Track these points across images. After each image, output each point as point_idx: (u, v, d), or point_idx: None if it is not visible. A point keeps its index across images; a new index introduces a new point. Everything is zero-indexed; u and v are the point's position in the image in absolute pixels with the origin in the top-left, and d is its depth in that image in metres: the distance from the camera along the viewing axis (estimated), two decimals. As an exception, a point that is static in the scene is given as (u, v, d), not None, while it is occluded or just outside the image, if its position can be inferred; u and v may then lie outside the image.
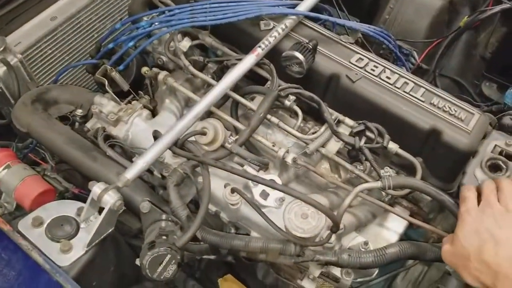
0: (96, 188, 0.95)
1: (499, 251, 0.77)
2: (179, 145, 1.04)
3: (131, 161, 1.11)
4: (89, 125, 1.24)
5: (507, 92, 1.49)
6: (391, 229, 1.15)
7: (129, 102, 1.27)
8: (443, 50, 1.67)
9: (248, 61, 1.17)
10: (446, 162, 1.13)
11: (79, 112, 1.25)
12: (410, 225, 1.13)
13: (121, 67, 1.29)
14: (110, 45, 1.30)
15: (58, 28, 1.47)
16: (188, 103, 1.31)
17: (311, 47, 1.18)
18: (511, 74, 1.59)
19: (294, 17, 1.26)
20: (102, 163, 1.11)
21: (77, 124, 1.25)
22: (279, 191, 1.04)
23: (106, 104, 1.22)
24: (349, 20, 1.58)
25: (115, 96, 1.23)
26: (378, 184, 0.97)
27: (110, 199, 0.94)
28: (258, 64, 1.21)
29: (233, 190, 1.03)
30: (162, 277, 0.89)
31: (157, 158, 1.03)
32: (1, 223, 0.93)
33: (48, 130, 1.15)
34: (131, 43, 1.28)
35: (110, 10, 1.59)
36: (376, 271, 1.08)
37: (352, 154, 1.15)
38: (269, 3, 1.29)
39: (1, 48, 1.31)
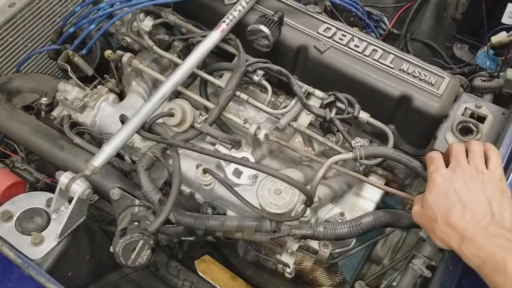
0: (64, 178, 0.93)
1: (466, 214, 0.77)
2: (146, 128, 1.02)
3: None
4: (55, 113, 1.20)
5: (478, 52, 1.48)
6: (367, 198, 1.16)
7: (95, 87, 1.23)
8: (413, 14, 1.65)
9: (213, 38, 1.14)
10: (418, 128, 1.13)
11: (43, 100, 1.22)
12: (387, 193, 1.14)
13: (84, 51, 1.25)
14: (71, 29, 1.25)
15: (17, 14, 1.41)
16: (155, 84, 1.28)
17: (276, 19, 1.16)
18: (482, 34, 1.57)
19: (258, -12, 1.23)
20: (69, 151, 1.08)
21: (43, 113, 1.21)
22: (249, 169, 1.03)
23: (70, 91, 1.19)
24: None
25: (79, 82, 1.20)
26: (350, 155, 0.97)
27: (78, 188, 0.92)
28: (224, 40, 1.18)
29: (205, 171, 1.02)
30: (136, 263, 0.88)
31: (126, 143, 1.01)
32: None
33: (12, 122, 1.12)
34: (92, 26, 1.24)
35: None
36: (354, 241, 1.08)
37: (324, 126, 1.15)
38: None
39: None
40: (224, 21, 1.15)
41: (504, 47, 1.44)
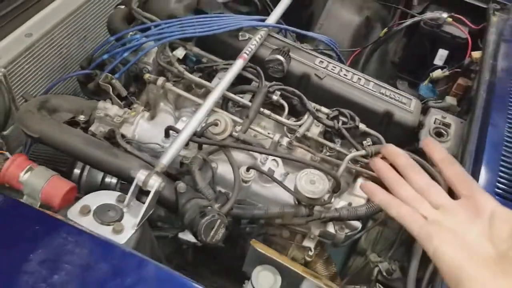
0: (140, 175, 1.09)
1: None
2: (198, 135, 1.22)
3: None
4: (92, 128, 1.34)
5: (420, 86, 1.91)
6: (360, 195, 1.44)
7: (128, 105, 1.40)
8: (365, 57, 2.05)
9: (238, 65, 1.39)
10: (398, 136, 1.46)
11: (81, 117, 1.34)
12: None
13: (117, 76, 1.41)
14: (105, 56, 1.42)
15: (35, 44, 1.53)
16: (176, 105, 1.48)
17: (286, 52, 1.45)
18: (418, 73, 2.02)
19: (266, 28, 1.51)
20: (123, 158, 1.22)
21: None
22: (281, 167, 1.27)
23: (111, 108, 1.34)
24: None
25: (118, 101, 1.35)
26: (363, 152, 1.25)
27: (155, 182, 1.08)
28: (243, 67, 1.43)
29: (248, 168, 1.23)
30: (214, 240, 1.05)
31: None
32: (56, 215, 1.02)
33: (64, 134, 1.23)
34: (126, 54, 1.41)
35: (78, 28, 1.68)
36: (360, 226, 1.34)
37: (327, 137, 1.43)
38: (245, 18, 1.53)
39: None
40: (245, 52, 1.41)
41: (438, 81, 1.88)
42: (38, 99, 1.33)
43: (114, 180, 1.38)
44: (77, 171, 1.38)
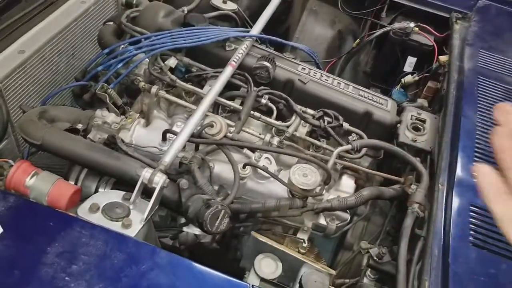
0: (146, 173, 1.15)
1: None
2: (196, 136, 1.29)
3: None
4: (91, 136, 1.39)
5: (392, 91, 2.04)
6: (345, 190, 1.54)
7: (123, 113, 1.46)
8: (339, 67, 2.18)
9: (227, 72, 1.48)
10: (377, 134, 1.56)
11: (79, 126, 1.40)
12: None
13: (111, 86, 1.47)
14: (99, 68, 1.48)
15: (27, 61, 1.58)
16: (168, 112, 1.55)
17: (271, 59, 1.55)
18: (389, 80, 2.17)
19: (250, 39, 1.62)
20: (125, 161, 1.28)
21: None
22: (274, 165, 1.36)
23: (108, 116, 1.40)
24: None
25: (115, 108, 1.42)
26: (349, 146, 1.36)
27: (159, 179, 1.15)
28: (232, 74, 1.52)
29: (244, 165, 1.31)
30: (219, 230, 1.12)
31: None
32: (67, 212, 1.07)
33: (66, 140, 1.28)
34: (119, 65, 1.48)
35: (67, 45, 1.74)
36: (349, 216, 1.43)
37: (313, 137, 1.52)
38: (230, 29, 1.63)
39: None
40: (233, 60, 1.51)
41: (409, 86, 2.03)
42: (37, 109, 1.38)
43: (108, 189, 1.42)
44: (71, 182, 1.42)
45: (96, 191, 1.44)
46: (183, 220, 1.38)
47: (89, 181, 1.42)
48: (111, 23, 1.70)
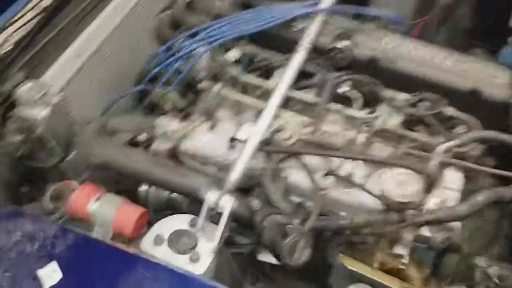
0: (211, 196, 0.99)
1: None
2: (266, 143, 1.11)
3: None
4: (154, 147, 1.26)
5: (502, 52, 1.68)
6: (452, 187, 1.27)
7: (185, 118, 1.31)
8: (432, 28, 1.85)
9: (297, 59, 1.26)
10: (489, 117, 1.26)
11: (142, 137, 1.27)
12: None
13: (173, 85, 1.33)
14: (156, 69, 1.34)
15: (85, 64, 1.48)
16: (235, 110, 1.37)
17: (348, 36, 1.30)
18: (496, 38, 1.80)
19: (321, 13, 1.37)
20: (190, 177, 1.14)
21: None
22: (361, 168, 1.14)
23: (169, 124, 1.26)
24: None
25: (176, 114, 1.28)
26: (457, 141, 1.09)
27: (227, 202, 0.99)
28: (303, 61, 1.30)
29: (326, 174, 1.11)
30: (299, 262, 0.94)
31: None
32: (130, 248, 0.96)
33: (128, 157, 1.18)
34: (177, 64, 1.32)
35: (127, 41, 1.61)
36: (460, 225, 1.17)
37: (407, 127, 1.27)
38: (295, 5, 1.39)
39: (43, 92, 1.30)
40: (303, 44, 1.28)
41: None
42: (97, 123, 1.28)
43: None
44: (144, 187, 1.32)
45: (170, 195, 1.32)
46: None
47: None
48: (167, 11, 1.53)
